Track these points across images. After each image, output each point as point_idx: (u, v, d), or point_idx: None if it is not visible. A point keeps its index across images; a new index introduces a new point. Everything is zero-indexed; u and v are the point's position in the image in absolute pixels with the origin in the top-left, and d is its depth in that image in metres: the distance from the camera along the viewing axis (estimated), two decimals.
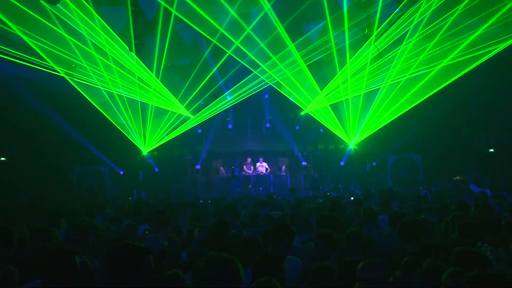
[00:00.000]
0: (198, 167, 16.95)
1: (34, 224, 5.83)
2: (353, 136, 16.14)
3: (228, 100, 16.34)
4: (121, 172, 16.78)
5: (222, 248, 3.60)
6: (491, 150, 16.63)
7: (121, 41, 12.92)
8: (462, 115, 16.49)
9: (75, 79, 13.47)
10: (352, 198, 9.64)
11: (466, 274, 2.32)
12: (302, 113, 17.01)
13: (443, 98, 14.02)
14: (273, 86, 15.24)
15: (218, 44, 12.92)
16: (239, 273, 2.43)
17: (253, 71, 14.30)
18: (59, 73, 12.60)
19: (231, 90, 16.02)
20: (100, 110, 14.62)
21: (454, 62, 12.49)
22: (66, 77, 12.93)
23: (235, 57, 13.48)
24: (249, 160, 17.02)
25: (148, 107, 15.54)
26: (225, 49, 13.17)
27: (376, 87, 14.63)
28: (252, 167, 16.88)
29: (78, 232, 4.24)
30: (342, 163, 17.30)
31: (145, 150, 16.44)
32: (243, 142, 18.63)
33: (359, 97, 15.01)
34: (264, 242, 4.11)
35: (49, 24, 11.25)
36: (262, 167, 16.79)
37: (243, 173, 16.45)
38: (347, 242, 3.66)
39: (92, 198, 13.36)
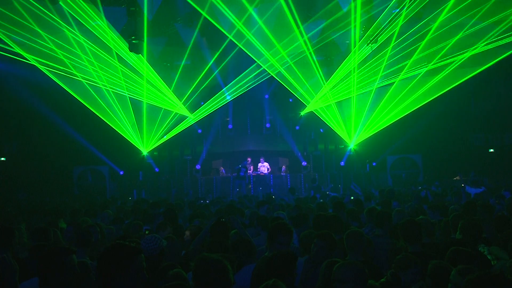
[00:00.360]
0: (198, 167, 16.94)
1: (34, 224, 5.83)
2: (353, 136, 16.13)
3: (228, 100, 16.29)
4: (121, 172, 16.78)
5: (220, 248, 3.60)
6: (491, 150, 16.62)
7: (119, 39, 12.88)
8: (462, 115, 16.50)
9: (74, 78, 13.45)
10: (352, 197, 9.60)
11: (471, 273, 2.32)
12: (302, 113, 16.97)
13: (443, 98, 14.02)
14: (276, 77, 14.89)
15: (219, 27, 12.39)
16: (229, 275, 2.42)
17: (256, 60, 13.94)
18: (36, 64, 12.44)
19: (231, 84, 15.85)
20: (96, 112, 14.57)
21: (460, 64, 12.44)
22: (42, 68, 12.70)
23: (235, 41, 12.95)
24: (249, 159, 17.00)
25: (146, 106, 15.49)
26: (226, 33, 12.67)
27: (378, 87, 14.60)
28: (252, 167, 16.86)
29: (78, 232, 4.24)
30: (342, 163, 17.30)
31: (144, 150, 16.42)
32: (243, 142, 18.62)
33: (360, 98, 14.98)
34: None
35: (61, 24, 11.22)
36: (264, 167, 16.75)
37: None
38: (347, 242, 3.65)
39: (92, 198, 13.36)
